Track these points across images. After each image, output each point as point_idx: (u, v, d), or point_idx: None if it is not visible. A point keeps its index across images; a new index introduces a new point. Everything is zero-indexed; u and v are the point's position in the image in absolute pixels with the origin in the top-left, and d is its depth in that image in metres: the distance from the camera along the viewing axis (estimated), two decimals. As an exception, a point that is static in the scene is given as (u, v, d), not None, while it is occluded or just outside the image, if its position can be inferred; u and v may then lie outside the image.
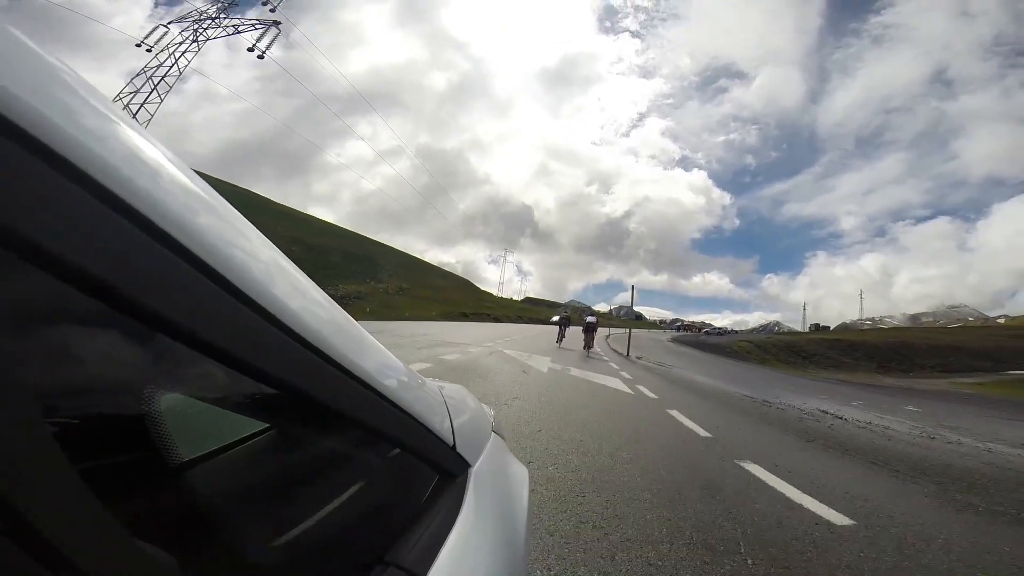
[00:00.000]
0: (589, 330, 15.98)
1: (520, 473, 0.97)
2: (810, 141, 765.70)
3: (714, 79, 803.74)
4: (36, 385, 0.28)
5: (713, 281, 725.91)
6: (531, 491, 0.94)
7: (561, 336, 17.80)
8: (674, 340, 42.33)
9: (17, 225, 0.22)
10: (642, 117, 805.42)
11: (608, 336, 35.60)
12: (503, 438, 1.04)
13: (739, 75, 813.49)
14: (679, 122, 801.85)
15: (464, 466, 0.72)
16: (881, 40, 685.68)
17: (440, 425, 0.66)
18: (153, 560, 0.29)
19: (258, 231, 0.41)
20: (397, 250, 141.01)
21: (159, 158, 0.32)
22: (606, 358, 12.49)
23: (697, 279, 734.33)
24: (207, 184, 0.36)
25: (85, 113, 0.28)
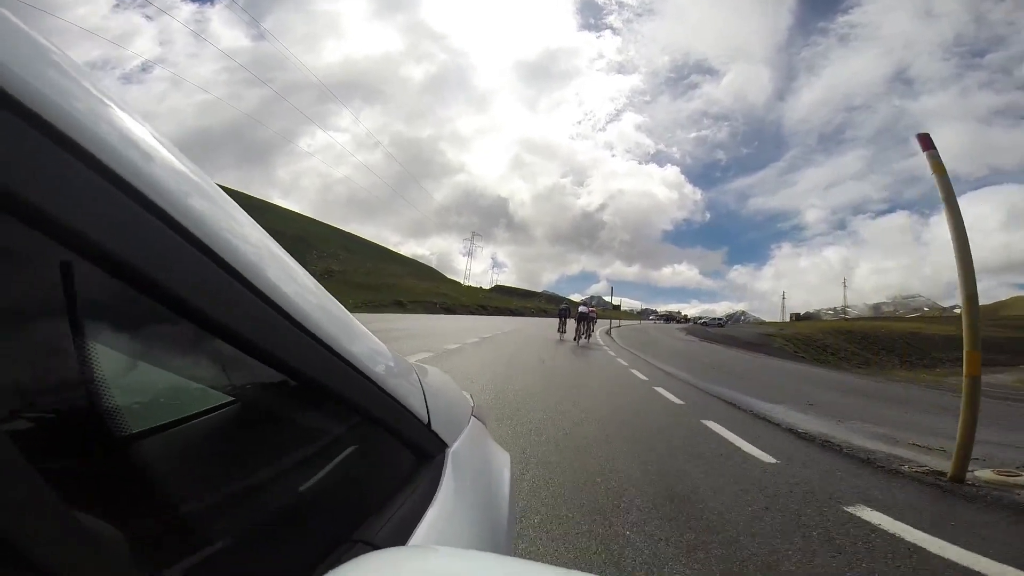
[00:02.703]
0: (583, 319, 16.10)
1: (501, 457, 0.97)
2: (776, 137, 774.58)
3: (686, 75, 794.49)
4: None
5: (683, 272, 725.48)
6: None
7: (562, 327, 17.62)
8: (690, 333, 32.48)
9: (22, 192, 0.23)
10: (618, 112, 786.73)
11: (610, 330, 25.29)
12: (484, 423, 1.02)
13: (710, 71, 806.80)
14: (653, 117, 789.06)
15: (441, 446, 0.70)
16: (847, 39, 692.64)
17: (415, 403, 0.63)
18: (101, 537, 0.27)
19: (245, 212, 0.41)
20: (347, 233, 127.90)
21: (151, 140, 0.33)
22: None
23: (667, 270, 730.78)
24: (198, 168, 0.37)
25: (80, 95, 0.28)
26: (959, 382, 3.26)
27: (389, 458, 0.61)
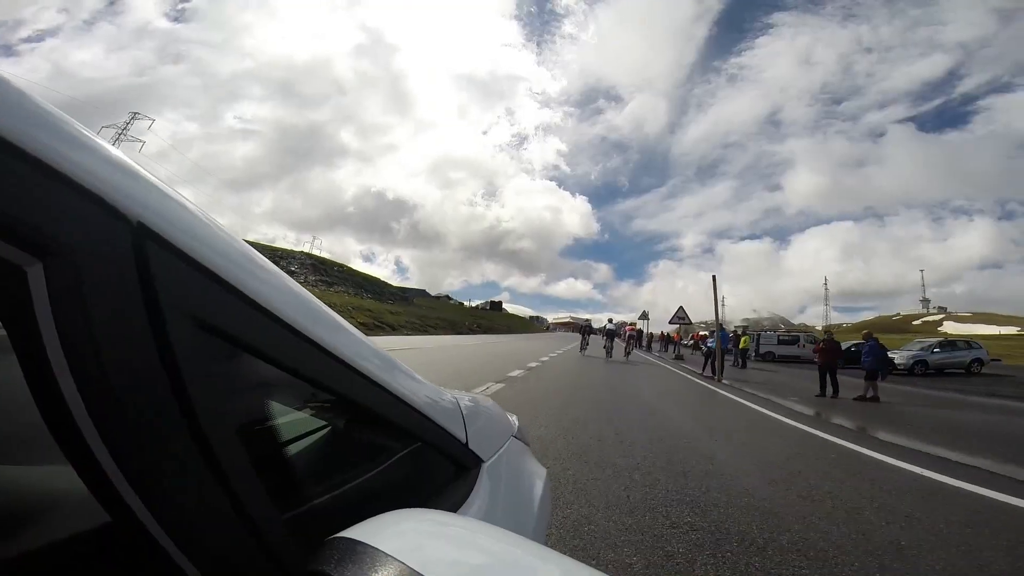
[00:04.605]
0: (611, 336, 19.42)
1: (538, 473, 1.08)
2: (662, 166, 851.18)
3: (594, 99, 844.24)
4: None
5: (577, 285, 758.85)
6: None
7: (585, 344, 21.32)
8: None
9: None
10: (528, 129, 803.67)
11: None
12: (527, 444, 1.18)
13: (616, 98, 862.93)
14: (560, 137, 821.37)
15: (477, 461, 0.83)
16: (735, 79, 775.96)
17: (454, 425, 0.78)
18: (268, 507, 0.42)
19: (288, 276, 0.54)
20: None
21: (141, 170, 0.38)
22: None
23: (564, 283, 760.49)
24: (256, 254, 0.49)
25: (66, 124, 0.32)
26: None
27: (434, 469, 0.75)
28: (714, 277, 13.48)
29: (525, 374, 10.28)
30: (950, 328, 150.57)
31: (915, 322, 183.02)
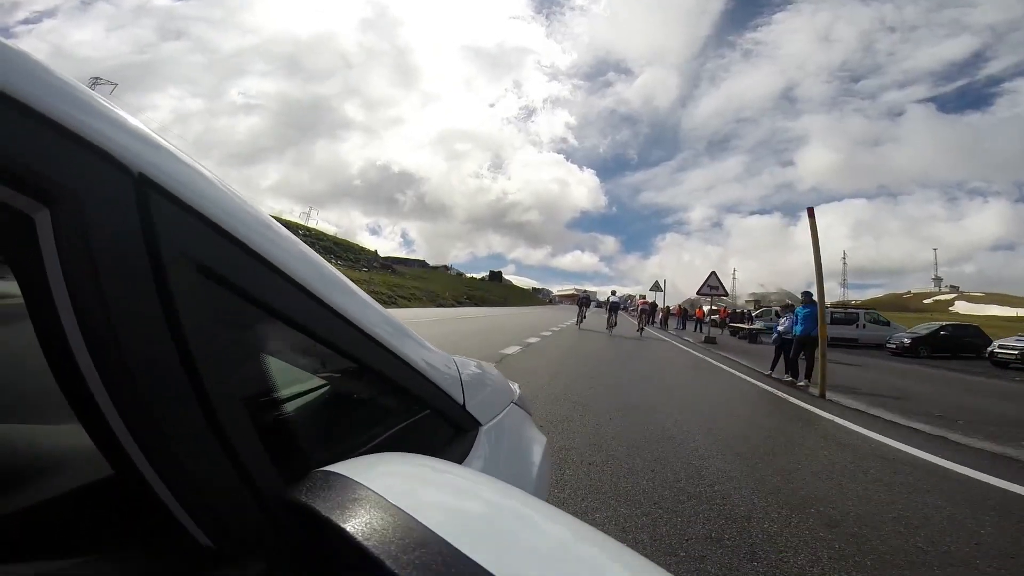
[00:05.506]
0: (614, 309, 18.76)
1: (537, 440, 1.07)
2: (672, 140, 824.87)
3: (603, 72, 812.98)
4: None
5: (583, 258, 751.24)
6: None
7: (581, 317, 19.05)
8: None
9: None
10: (536, 102, 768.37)
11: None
12: (528, 412, 1.15)
13: (626, 72, 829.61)
14: (569, 109, 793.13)
15: (475, 424, 0.82)
16: (750, 55, 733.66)
17: (452, 388, 0.79)
18: (265, 458, 0.41)
19: (288, 232, 0.54)
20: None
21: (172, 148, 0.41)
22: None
23: (570, 256, 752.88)
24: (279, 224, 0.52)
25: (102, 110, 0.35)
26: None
27: (431, 430, 0.75)
28: (810, 210, 7.58)
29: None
30: (962, 308, 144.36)
31: (926, 300, 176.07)
